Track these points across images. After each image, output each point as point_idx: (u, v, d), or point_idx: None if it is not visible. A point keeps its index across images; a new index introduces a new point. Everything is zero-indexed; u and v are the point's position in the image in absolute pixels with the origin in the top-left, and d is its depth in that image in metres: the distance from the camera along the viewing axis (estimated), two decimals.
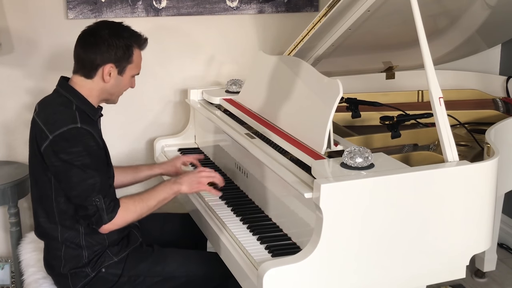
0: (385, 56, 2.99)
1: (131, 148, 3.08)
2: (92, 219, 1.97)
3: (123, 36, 2.06)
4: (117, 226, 2.01)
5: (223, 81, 3.08)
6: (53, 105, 2.04)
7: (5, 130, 2.90)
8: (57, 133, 1.93)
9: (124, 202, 2.02)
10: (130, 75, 2.13)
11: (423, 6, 1.97)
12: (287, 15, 3.16)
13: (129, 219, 2.04)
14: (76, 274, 2.07)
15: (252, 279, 1.79)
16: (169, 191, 2.12)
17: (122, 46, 2.05)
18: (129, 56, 2.08)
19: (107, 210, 1.96)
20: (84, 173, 1.94)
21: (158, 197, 2.10)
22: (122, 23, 2.11)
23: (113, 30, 2.06)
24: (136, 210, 2.04)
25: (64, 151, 1.93)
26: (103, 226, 1.98)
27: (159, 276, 2.13)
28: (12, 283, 2.93)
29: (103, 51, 2.02)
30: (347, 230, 1.76)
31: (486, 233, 1.98)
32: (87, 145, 1.95)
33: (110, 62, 2.04)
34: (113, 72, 2.06)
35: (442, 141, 1.92)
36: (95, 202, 1.94)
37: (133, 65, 2.11)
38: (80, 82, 2.07)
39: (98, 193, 1.95)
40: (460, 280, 2.87)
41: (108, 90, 2.09)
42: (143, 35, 2.13)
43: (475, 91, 3.12)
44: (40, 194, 2.08)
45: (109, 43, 2.02)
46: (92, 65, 2.04)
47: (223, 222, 2.12)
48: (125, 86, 2.15)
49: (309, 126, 2.08)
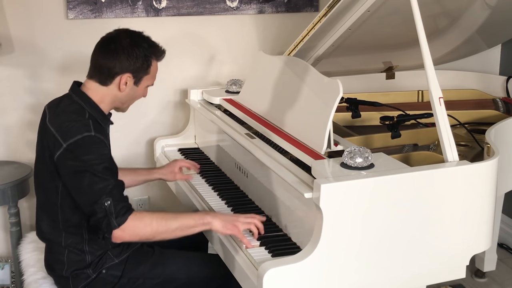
0: (385, 56, 3.00)
1: (131, 148, 3.08)
2: (102, 225, 1.89)
3: (143, 47, 2.05)
4: (128, 235, 1.89)
5: (223, 81, 3.08)
6: (66, 113, 2.01)
7: (5, 130, 2.90)
8: (72, 141, 1.91)
9: (139, 212, 1.93)
10: (145, 86, 2.13)
11: (423, 6, 1.97)
12: (287, 15, 3.16)
13: (141, 233, 1.91)
14: (78, 276, 2.06)
15: (252, 279, 1.79)
16: (199, 220, 1.97)
17: (142, 56, 2.04)
18: (147, 67, 2.07)
19: (116, 214, 1.87)
20: (96, 177, 1.89)
21: (183, 221, 1.96)
22: (142, 33, 2.10)
23: (134, 39, 2.05)
24: (152, 224, 1.91)
25: (77, 159, 1.91)
26: (113, 232, 1.87)
27: (159, 277, 2.13)
28: (12, 283, 2.93)
29: (122, 60, 2.01)
30: (347, 230, 1.76)
31: (486, 233, 1.98)
32: (100, 153, 1.94)
33: (128, 72, 2.04)
34: (129, 82, 2.06)
35: (442, 141, 1.92)
36: (103, 205, 1.87)
37: (149, 76, 2.11)
38: (94, 88, 2.05)
39: (108, 196, 1.88)
40: (460, 280, 2.87)
41: (121, 99, 2.09)
42: (161, 47, 2.13)
43: (475, 91, 3.12)
44: (45, 200, 2.07)
45: (129, 52, 2.02)
46: (110, 73, 2.03)
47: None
48: (138, 96, 2.15)
49: (309, 126, 2.08)
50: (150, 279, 2.12)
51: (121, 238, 1.90)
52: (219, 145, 2.63)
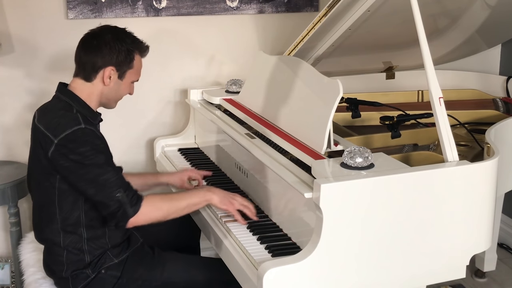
0: (385, 56, 2.99)
1: (131, 148, 3.08)
2: (117, 215, 1.94)
3: (125, 41, 2.07)
4: (142, 221, 1.97)
5: (223, 81, 3.08)
6: (53, 110, 2.03)
7: (5, 130, 2.90)
8: (62, 136, 1.92)
9: (150, 198, 1.99)
10: (130, 81, 2.14)
11: (423, 6, 1.97)
12: (287, 15, 3.16)
13: (154, 216, 2.00)
14: (77, 276, 2.06)
15: (252, 279, 1.79)
16: (202, 197, 2.09)
17: (124, 50, 2.06)
18: (130, 61, 2.09)
19: (131, 203, 1.94)
20: (99, 168, 1.92)
21: (189, 200, 2.07)
22: (125, 29, 2.12)
23: (116, 34, 2.07)
24: (163, 208, 2.01)
25: (72, 152, 1.92)
26: (129, 220, 1.95)
27: (158, 281, 2.13)
28: (12, 283, 2.93)
29: (104, 54, 2.03)
30: (347, 230, 1.76)
31: (486, 233, 1.98)
32: (94, 144, 1.95)
33: (111, 65, 2.05)
34: (113, 76, 2.07)
35: (442, 141, 1.92)
36: (116, 197, 1.92)
37: (133, 70, 2.12)
38: (80, 85, 2.07)
39: (118, 187, 1.93)
40: (460, 280, 2.87)
41: (107, 94, 2.10)
42: (145, 43, 2.15)
43: (475, 91, 3.12)
44: (42, 199, 2.07)
45: (111, 46, 2.03)
46: (93, 68, 2.04)
47: (223, 222, 2.12)
48: (124, 92, 2.15)
49: (309, 126, 2.08)
50: (149, 281, 2.12)
51: (135, 223, 1.98)
52: (219, 145, 2.63)
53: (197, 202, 2.10)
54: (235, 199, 2.12)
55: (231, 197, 2.12)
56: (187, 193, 2.11)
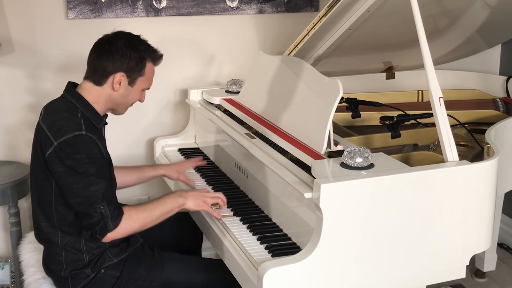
0: (385, 56, 3.00)
1: (131, 148, 3.08)
2: (97, 228, 1.95)
3: (138, 48, 2.06)
4: (120, 235, 1.98)
5: (223, 81, 3.08)
6: (58, 111, 2.03)
7: (5, 130, 2.90)
8: (62, 140, 1.92)
9: (127, 211, 2.00)
10: (141, 88, 2.13)
11: (423, 6, 1.98)
12: (287, 15, 3.16)
13: (131, 229, 2.01)
14: (77, 276, 2.06)
15: (252, 279, 1.79)
16: (174, 204, 2.09)
17: (136, 57, 2.05)
18: (141, 68, 2.08)
19: (111, 217, 1.94)
20: (87, 179, 1.92)
21: (162, 208, 2.07)
22: (139, 36, 2.11)
23: (129, 40, 2.06)
24: (139, 219, 2.01)
25: (68, 158, 1.92)
26: (107, 234, 1.96)
27: (157, 281, 2.13)
28: (12, 283, 2.93)
29: (115, 60, 2.03)
30: (347, 230, 1.76)
31: (486, 233, 1.98)
32: (90, 152, 1.94)
33: (122, 71, 2.04)
34: (123, 82, 2.06)
35: (442, 141, 1.92)
36: (99, 209, 1.92)
37: (144, 78, 2.11)
38: (89, 88, 2.06)
39: (102, 201, 1.93)
40: (460, 280, 2.88)
41: (116, 99, 2.09)
42: (158, 51, 2.13)
43: (475, 91, 3.12)
44: (40, 199, 2.07)
45: (123, 52, 2.03)
46: (104, 72, 2.04)
47: (223, 222, 2.12)
48: (134, 99, 2.15)
49: (309, 126, 2.08)
50: (148, 282, 2.12)
51: (112, 238, 1.99)
52: (219, 145, 2.63)
53: (170, 209, 2.09)
54: (207, 196, 2.14)
55: (203, 195, 2.14)
56: (160, 201, 2.09)
